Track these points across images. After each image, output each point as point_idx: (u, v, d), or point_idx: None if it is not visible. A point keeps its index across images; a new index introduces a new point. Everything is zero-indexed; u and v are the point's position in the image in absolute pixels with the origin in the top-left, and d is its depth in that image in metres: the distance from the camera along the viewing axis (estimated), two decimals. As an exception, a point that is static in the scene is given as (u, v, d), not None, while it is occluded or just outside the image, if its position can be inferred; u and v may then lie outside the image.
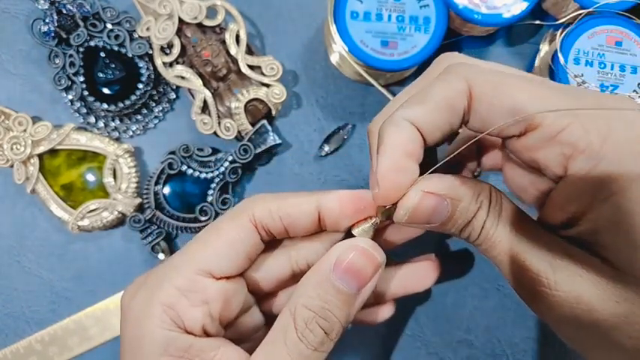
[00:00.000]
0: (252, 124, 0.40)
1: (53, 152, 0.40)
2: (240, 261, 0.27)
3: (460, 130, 0.25)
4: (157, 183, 0.40)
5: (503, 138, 0.24)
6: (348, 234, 0.28)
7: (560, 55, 0.38)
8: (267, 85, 0.40)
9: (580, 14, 0.38)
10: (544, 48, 0.41)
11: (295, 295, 0.25)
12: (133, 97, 0.40)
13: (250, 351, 0.25)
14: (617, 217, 0.21)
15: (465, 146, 0.25)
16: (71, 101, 0.40)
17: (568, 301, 0.22)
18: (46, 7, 0.39)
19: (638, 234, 0.21)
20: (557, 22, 0.40)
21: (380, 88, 0.40)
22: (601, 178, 0.21)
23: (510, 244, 0.23)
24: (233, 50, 0.40)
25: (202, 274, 0.26)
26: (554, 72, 0.39)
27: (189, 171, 0.40)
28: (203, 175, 0.40)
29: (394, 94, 0.41)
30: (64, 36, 0.40)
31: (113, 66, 0.40)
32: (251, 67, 0.40)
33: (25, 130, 0.39)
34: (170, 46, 0.40)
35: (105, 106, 0.40)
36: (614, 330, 0.21)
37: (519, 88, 0.22)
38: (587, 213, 0.22)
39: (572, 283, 0.22)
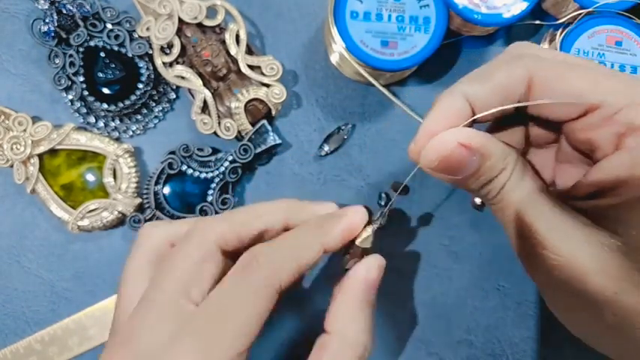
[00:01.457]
0: (252, 124, 0.40)
1: (53, 152, 0.40)
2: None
3: None
4: (156, 183, 0.40)
5: (564, 121, 0.25)
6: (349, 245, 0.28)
7: (560, 55, 0.38)
8: (267, 85, 0.40)
9: (580, 14, 0.38)
10: (544, 48, 0.41)
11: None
12: (133, 97, 0.40)
13: None
14: None
15: (503, 108, 0.25)
16: (71, 101, 0.40)
17: (566, 267, 0.22)
18: (46, 7, 0.39)
19: None
20: (557, 22, 0.40)
21: (380, 87, 0.40)
22: None
23: (523, 206, 0.24)
24: (233, 50, 0.40)
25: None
26: (554, 72, 0.39)
27: (189, 171, 0.40)
28: (203, 175, 0.40)
29: (394, 94, 0.41)
30: (64, 36, 0.40)
31: (113, 66, 0.40)
32: (251, 67, 0.40)
33: (25, 130, 0.39)
34: (170, 46, 0.40)
35: (105, 106, 0.40)
36: (604, 304, 0.22)
37: (579, 77, 0.23)
38: (618, 187, 0.23)
39: (574, 251, 0.22)
